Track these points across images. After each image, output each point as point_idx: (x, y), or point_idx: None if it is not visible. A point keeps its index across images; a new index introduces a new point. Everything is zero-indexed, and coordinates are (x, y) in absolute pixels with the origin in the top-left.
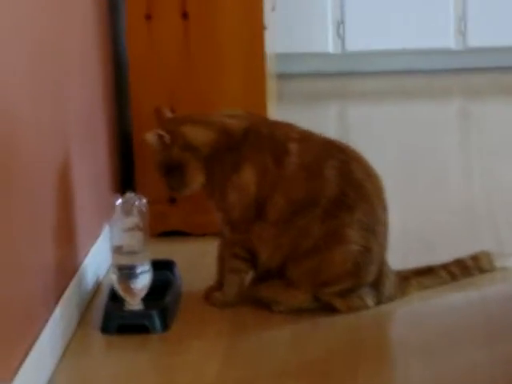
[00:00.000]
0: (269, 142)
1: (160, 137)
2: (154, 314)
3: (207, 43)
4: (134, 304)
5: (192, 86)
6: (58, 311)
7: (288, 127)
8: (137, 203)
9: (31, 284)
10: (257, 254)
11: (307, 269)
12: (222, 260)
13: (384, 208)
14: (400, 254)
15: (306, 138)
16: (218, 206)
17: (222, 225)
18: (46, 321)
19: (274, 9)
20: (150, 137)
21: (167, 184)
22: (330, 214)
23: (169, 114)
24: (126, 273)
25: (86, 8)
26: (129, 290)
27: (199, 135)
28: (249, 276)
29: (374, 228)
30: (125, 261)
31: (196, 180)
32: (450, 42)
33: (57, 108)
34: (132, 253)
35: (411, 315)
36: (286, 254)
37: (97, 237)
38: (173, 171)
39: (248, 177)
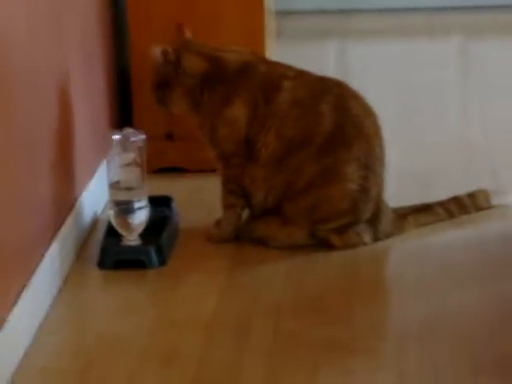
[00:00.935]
0: (263, 78)
1: (165, 53)
2: (151, 249)
3: None
4: (132, 239)
5: (191, 21)
6: (55, 246)
7: (286, 67)
8: (134, 139)
9: (28, 219)
10: (251, 194)
11: (304, 206)
12: None
13: (381, 146)
14: (397, 193)
15: (302, 75)
16: (210, 140)
17: (215, 161)
18: (43, 256)
19: None
20: (156, 50)
21: (155, 96)
22: (326, 151)
23: (188, 35)
24: (123, 208)
25: None
26: (126, 225)
27: (193, 63)
28: (244, 212)
29: (372, 166)
30: (122, 196)
31: (177, 104)
32: None
33: (56, 40)
34: (129, 188)
35: (408, 252)
36: (281, 193)
37: (94, 172)
38: (161, 87)
39: (239, 111)
